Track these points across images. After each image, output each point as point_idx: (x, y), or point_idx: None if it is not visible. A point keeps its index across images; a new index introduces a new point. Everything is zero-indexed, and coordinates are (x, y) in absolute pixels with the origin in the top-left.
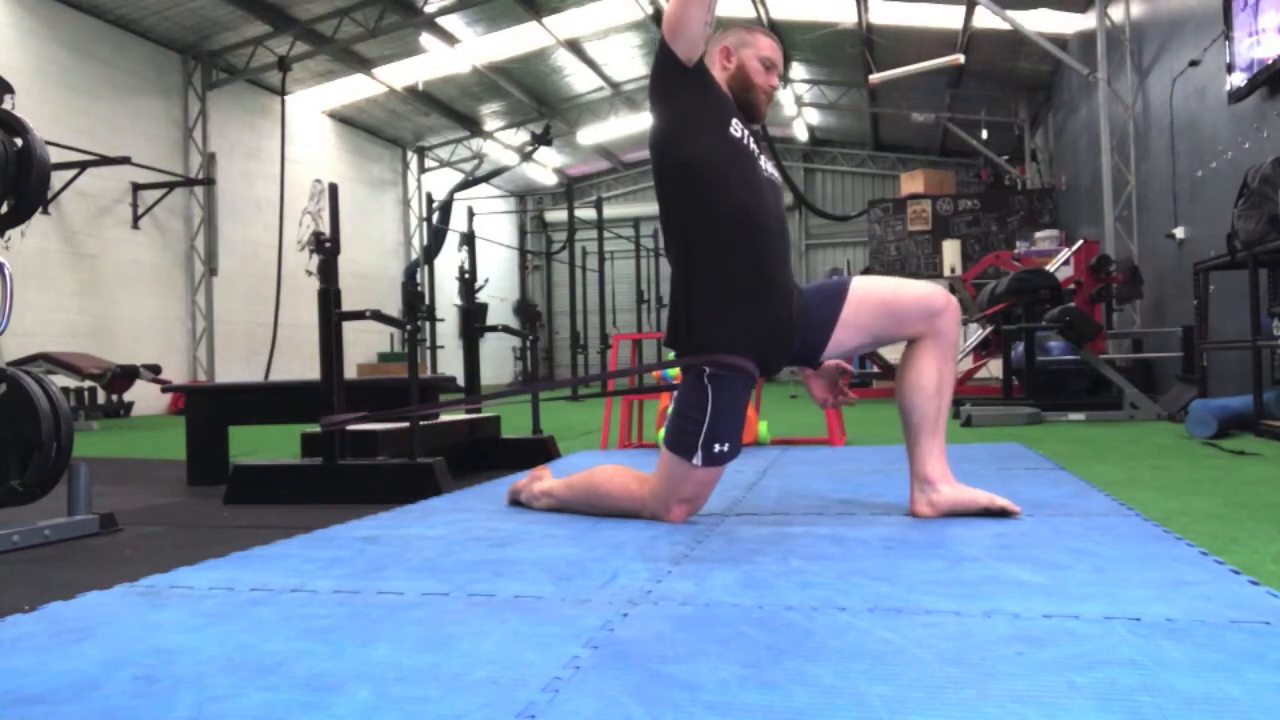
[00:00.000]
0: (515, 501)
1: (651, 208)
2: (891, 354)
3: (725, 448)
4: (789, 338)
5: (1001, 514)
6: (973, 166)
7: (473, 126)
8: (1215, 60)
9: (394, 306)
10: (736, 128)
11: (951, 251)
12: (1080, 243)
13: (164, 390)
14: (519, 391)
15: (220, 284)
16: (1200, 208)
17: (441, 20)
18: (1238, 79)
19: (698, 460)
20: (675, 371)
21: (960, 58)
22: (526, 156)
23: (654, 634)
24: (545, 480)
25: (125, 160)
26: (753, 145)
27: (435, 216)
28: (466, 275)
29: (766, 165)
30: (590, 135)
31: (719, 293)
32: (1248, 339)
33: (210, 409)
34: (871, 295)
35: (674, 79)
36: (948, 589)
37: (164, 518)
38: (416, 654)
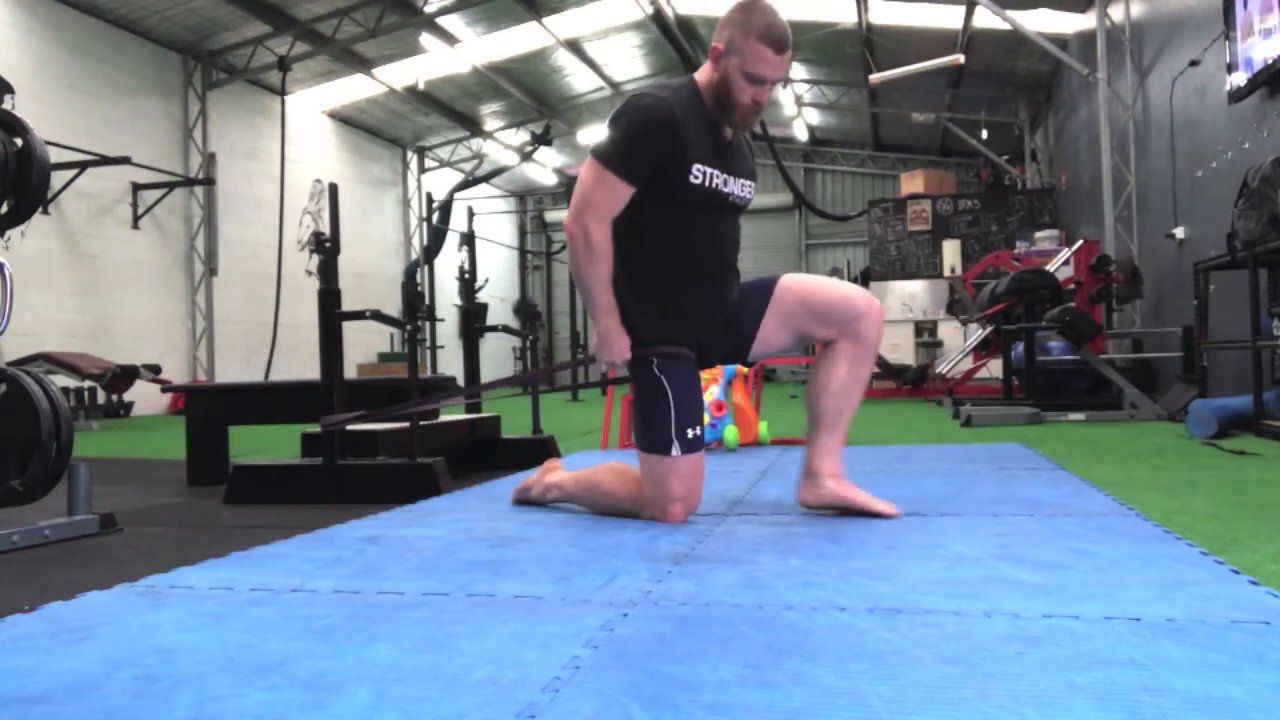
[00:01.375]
0: (523, 500)
1: None
2: (892, 354)
3: (697, 431)
4: (723, 332)
5: (877, 516)
6: (973, 166)
7: (473, 126)
8: (1215, 60)
9: (394, 306)
10: (697, 174)
11: (951, 251)
12: (1080, 243)
13: (164, 390)
14: (488, 388)
15: (220, 284)
16: (1200, 208)
17: (441, 20)
18: (1238, 79)
19: (676, 451)
20: None
21: (960, 58)
22: (526, 156)
23: (654, 634)
24: (557, 472)
25: (125, 160)
26: (716, 183)
27: (435, 216)
28: (466, 275)
29: (736, 187)
30: (590, 135)
31: (654, 307)
32: (1248, 339)
33: (210, 409)
34: (797, 291)
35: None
36: (948, 589)
37: (164, 518)
38: (416, 654)
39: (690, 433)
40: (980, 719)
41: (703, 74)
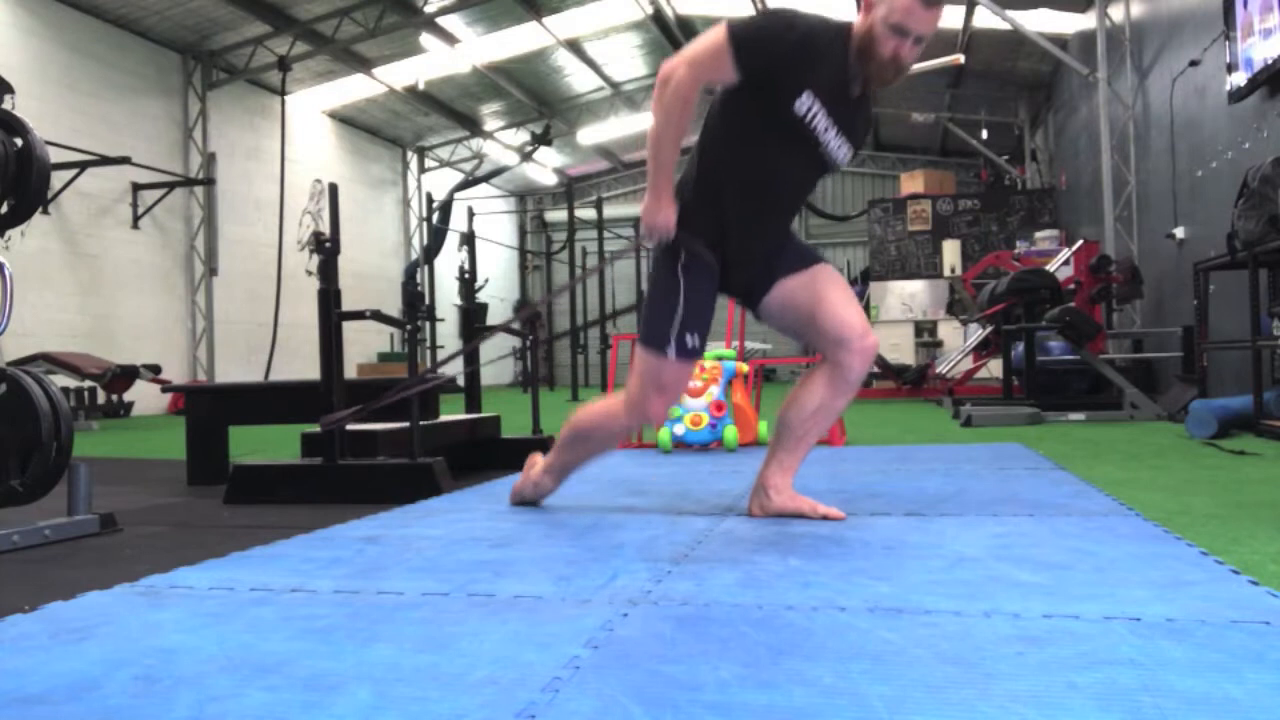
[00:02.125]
0: (522, 501)
1: None
2: (892, 354)
3: (696, 341)
4: (752, 261)
5: (825, 519)
6: (973, 166)
7: (473, 126)
8: (1215, 60)
9: (394, 306)
10: (804, 104)
11: (951, 251)
12: (1080, 243)
13: (164, 390)
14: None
15: (220, 284)
16: (1200, 208)
17: (441, 20)
18: (1238, 79)
19: (671, 353)
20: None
21: (960, 58)
22: (526, 156)
23: (654, 634)
24: (538, 462)
25: (125, 160)
26: (818, 123)
27: (435, 216)
28: (466, 275)
29: (833, 139)
30: (590, 135)
31: (708, 199)
32: (1248, 339)
33: (210, 409)
34: (821, 283)
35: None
36: (948, 589)
37: (164, 518)
38: (416, 654)
39: (690, 341)
40: (980, 719)
41: (856, 23)
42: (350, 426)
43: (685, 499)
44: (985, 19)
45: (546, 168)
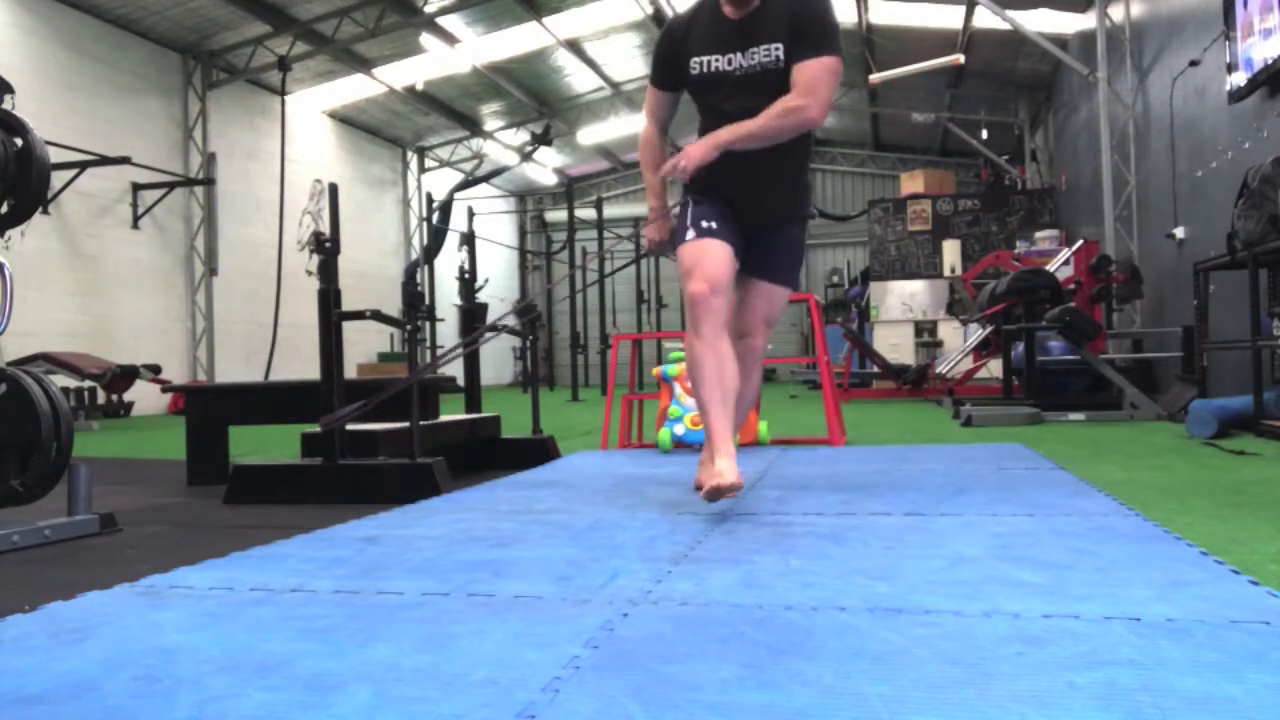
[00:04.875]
0: (718, 492)
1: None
2: (892, 354)
3: (713, 224)
4: (754, 203)
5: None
6: (973, 166)
7: (473, 126)
8: (1215, 60)
9: (394, 306)
10: (696, 65)
11: (951, 251)
12: (1080, 243)
13: (164, 390)
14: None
15: (220, 284)
16: (1200, 208)
17: (441, 20)
18: (1238, 79)
19: (691, 235)
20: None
21: (960, 58)
22: (526, 156)
23: (654, 634)
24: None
25: (125, 160)
26: (717, 65)
27: (435, 216)
28: (466, 275)
29: (743, 59)
30: (590, 135)
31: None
32: (1248, 339)
33: (210, 409)
34: (768, 287)
35: None
36: (948, 589)
37: (164, 518)
38: (416, 654)
39: (705, 224)
40: (980, 719)
41: None
42: (350, 426)
43: (685, 499)
44: (985, 19)
45: (546, 168)
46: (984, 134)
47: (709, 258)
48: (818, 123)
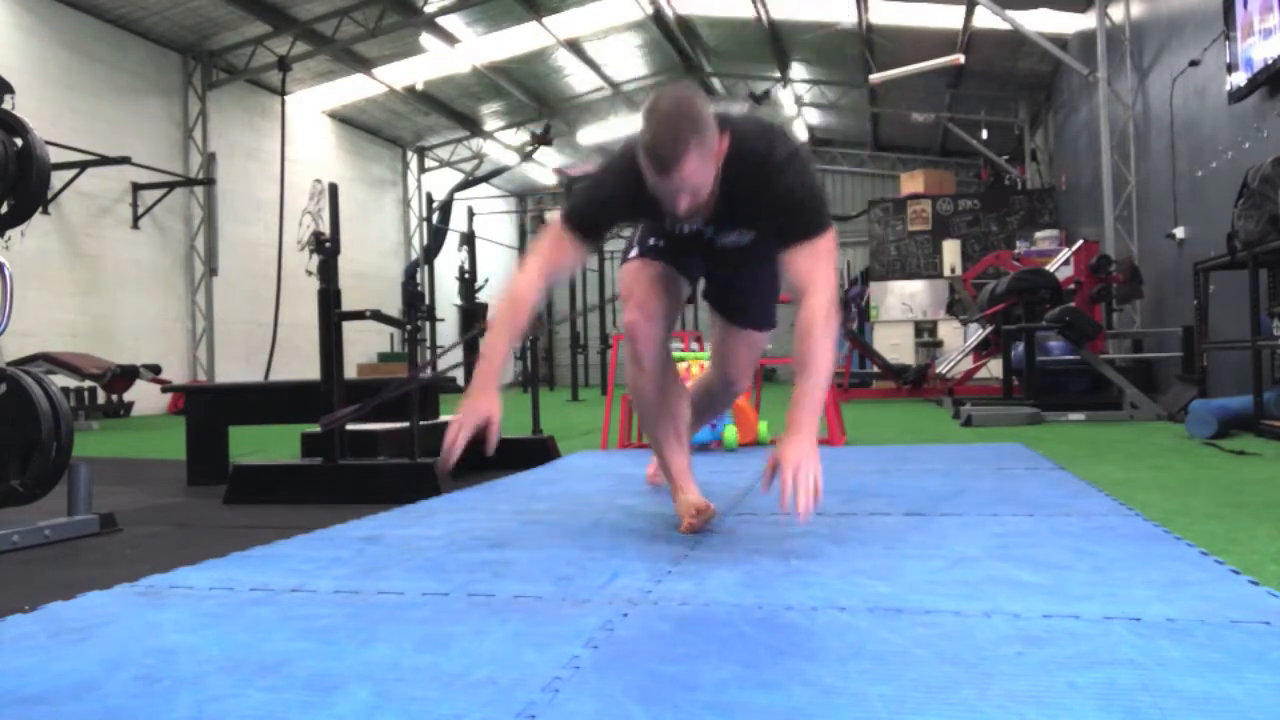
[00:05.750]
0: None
1: None
2: (892, 354)
3: (660, 243)
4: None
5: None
6: (973, 166)
7: (473, 126)
8: (1215, 60)
9: (394, 306)
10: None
11: (951, 251)
12: (1080, 243)
13: (164, 390)
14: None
15: (220, 284)
16: (1200, 208)
17: (441, 20)
18: (1238, 79)
19: (634, 253)
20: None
21: (960, 58)
22: (526, 156)
23: (654, 634)
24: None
25: (125, 160)
26: (688, 229)
27: (435, 216)
28: (466, 275)
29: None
30: (590, 135)
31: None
32: (1248, 339)
33: (210, 409)
34: (755, 330)
35: None
36: (948, 589)
37: (164, 518)
38: (416, 654)
39: (652, 240)
40: (980, 719)
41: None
42: (350, 426)
43: None
44: (985, 19)
45: (546, 168)
46: (984, 134)
47: (644, 280)
48: (835, 303)
